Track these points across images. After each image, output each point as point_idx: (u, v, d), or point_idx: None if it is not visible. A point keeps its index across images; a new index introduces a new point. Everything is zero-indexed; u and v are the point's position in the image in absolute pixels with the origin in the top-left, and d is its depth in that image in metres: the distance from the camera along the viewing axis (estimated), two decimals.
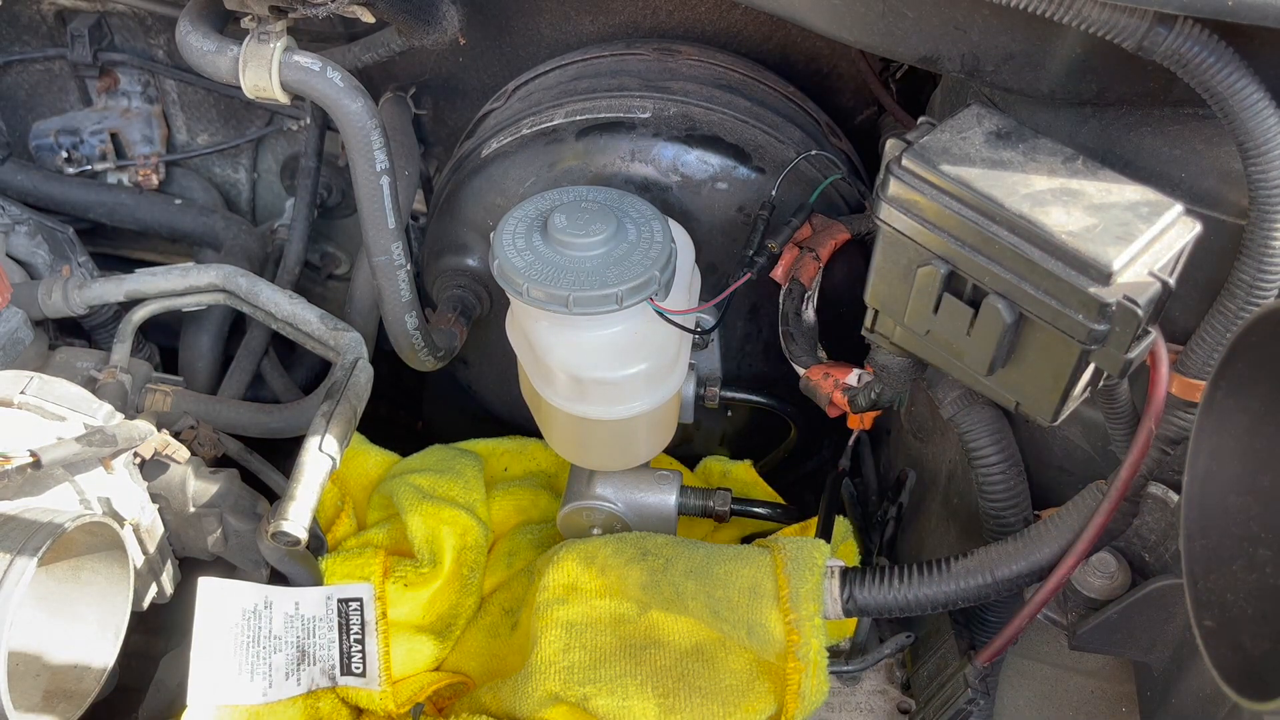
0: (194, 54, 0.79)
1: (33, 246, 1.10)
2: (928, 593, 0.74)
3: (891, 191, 0.62)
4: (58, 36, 1.22)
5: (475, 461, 1.00)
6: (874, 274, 0.67)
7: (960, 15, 0.63)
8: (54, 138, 1.23)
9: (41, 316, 0.98)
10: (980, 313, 0.61)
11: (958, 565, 0.74)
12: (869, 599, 0.76)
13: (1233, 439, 0.52)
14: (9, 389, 0.77)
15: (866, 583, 0.76)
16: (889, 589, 0.75)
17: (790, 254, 0.85)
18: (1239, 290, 0.58)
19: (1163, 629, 0.73)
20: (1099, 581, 0.76)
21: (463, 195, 0.95)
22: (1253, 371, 0.50)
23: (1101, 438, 0.73)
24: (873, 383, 0.77)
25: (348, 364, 0.90)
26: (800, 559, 0.77)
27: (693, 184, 0.89)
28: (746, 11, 1.01)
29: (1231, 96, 0.54)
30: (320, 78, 0.78)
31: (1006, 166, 0.60)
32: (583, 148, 0.90)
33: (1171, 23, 0.54)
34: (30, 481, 0.71)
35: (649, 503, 0.92)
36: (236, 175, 1.32)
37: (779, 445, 1.11)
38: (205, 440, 0.93)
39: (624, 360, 0.79)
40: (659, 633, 0.81)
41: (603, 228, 0.78)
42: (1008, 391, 0.66)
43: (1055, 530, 0.71)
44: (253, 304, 0.96)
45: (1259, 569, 0.50)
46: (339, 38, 1.08)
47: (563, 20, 1.05)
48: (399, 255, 0.86)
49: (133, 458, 0.81)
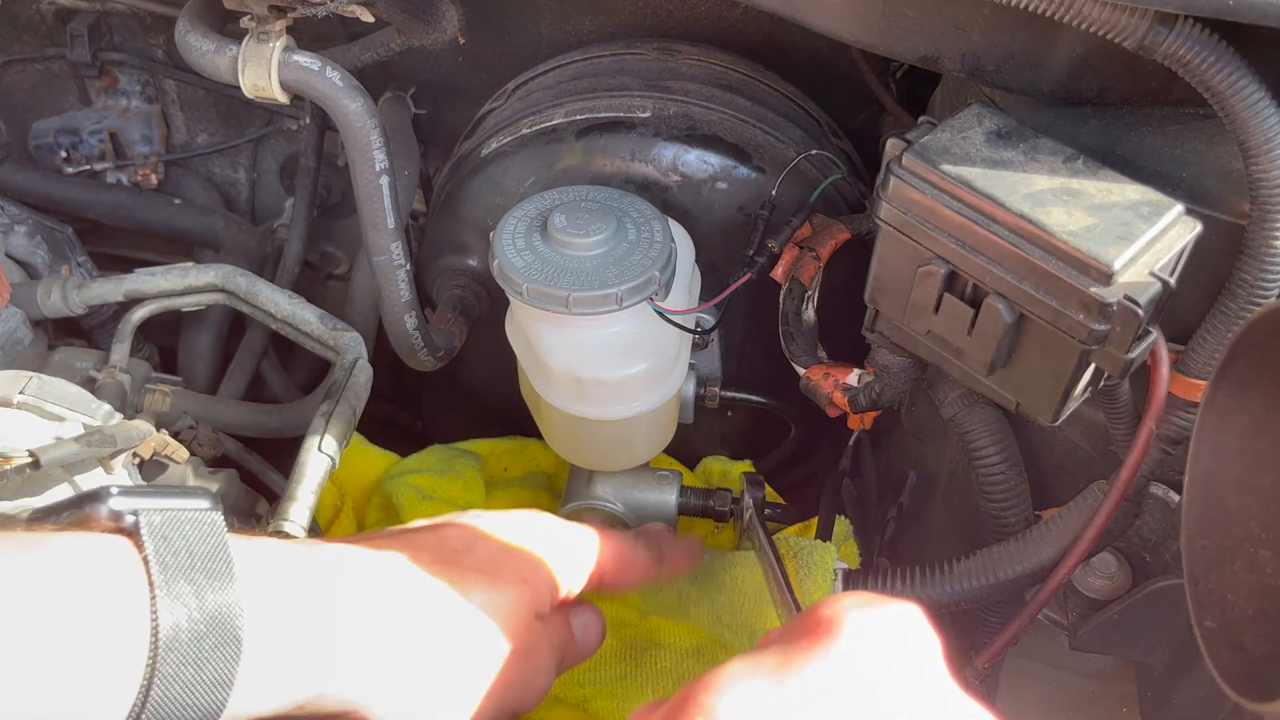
0: (193, 53, 0.79)
1: (32, 246, 1.09)
2: (931, 594, 0.74)
3: (891, 191, 0.62)
4: (57, 36, 1.22)
5: (475, 462, 1.00)
6: (874, 274, 0.67)
7: (961, 15, 0.63)
8: (53, 137, 1.22)
9: (40, 316, 0.98)
10: (980, 313, 0.61)
11: (960, 567, 0.74)
12: None
13: (1234, 439, 0.52)
14: (8, 389, 0.76)
15: (870, 586, 0.76)
16: (892, 592, 0.75)
17: (790, 254, 0.85)
18: (1240, 290, 0.58)
19: (1163, 629, 0.73)
20: (1099, 582, 0.76)
21: (462, 195, 0.95)
22: (1254, 371, 0.50)
23: (1102, 438, 0.72)
24: (873, 383, 0.77)
25: (347, 364, 0.90)
26: (808, 563, 0.77)
27: (693, 184, 0.89)
28: (746, 11, 1.01)
29: (1233, 96, 0.54)
30: (320, 77, 0.78)
31: (1007, 166, 0.60)
32: (582, 147, 0.90)
33: (1172, 22, 0.53)
34: (29, 481, 0.71)
35: (649, 503, 0.92)
36: (236, 175, 1.32)
37: (779, 445, 1.10)
38: (205, 440, 0.93)
39: (624, 360, 0.79)
40: (659, 635, 0.81)
41: (603, 227, 0.78)
42: (1008, 391, 0.66)
43: (1058, 531, 0.71)
44: (252, 304, 0.96)
45: (1260, 569, 0.50)
46: (339, 38, 1.08)
47: (563, 20, 1.04)
48: (399, 255, 0.86)
49: (132, 458, 0.80)
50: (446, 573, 0.55)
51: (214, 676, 0.43)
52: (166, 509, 0.45)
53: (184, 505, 0.46)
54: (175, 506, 0.46)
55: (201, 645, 0.43)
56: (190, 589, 0.43)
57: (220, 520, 0.47)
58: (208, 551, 0.45)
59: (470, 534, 0.59)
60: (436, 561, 0.55)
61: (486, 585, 0.56)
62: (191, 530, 0.45)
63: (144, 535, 0.44)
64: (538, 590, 0.58)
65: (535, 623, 0.58)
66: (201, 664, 0.43)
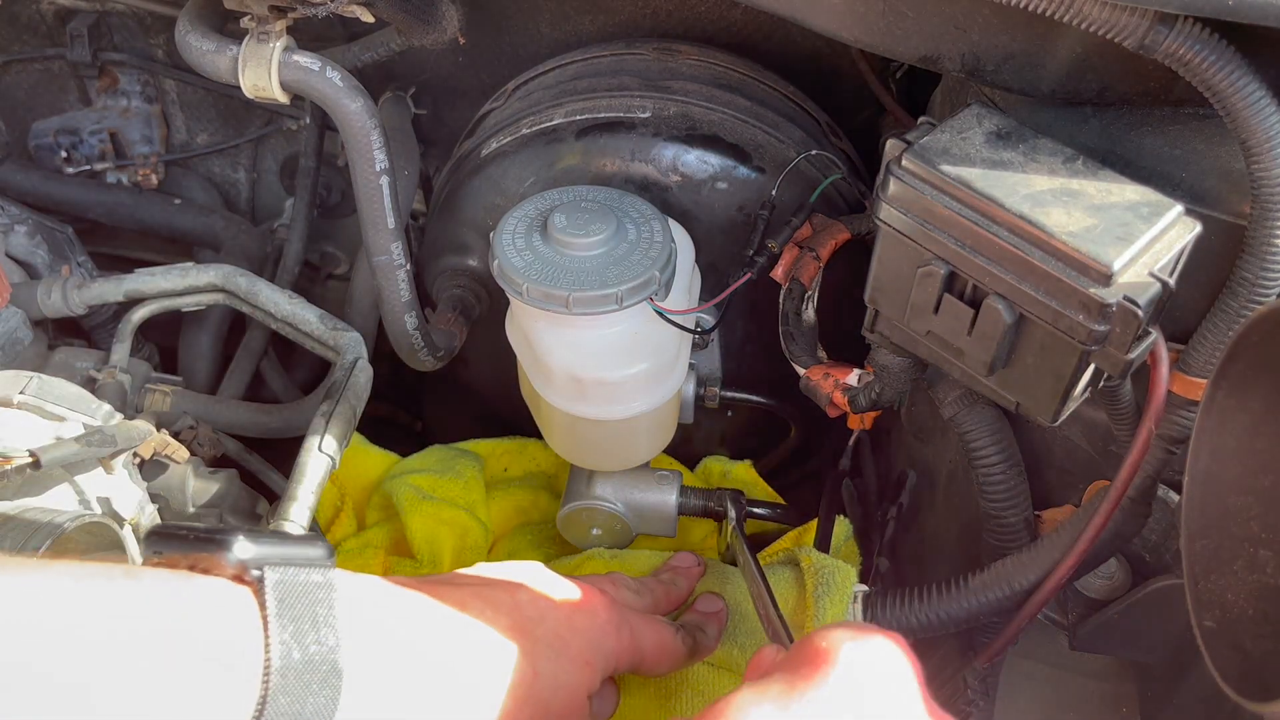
0: (193, 53, 0.79)
1: (32, 246, 1.09)
2: (950, 611, 0.73)
3: (891, 191, 0.62)
4: (57, 36, 1.22)
5: (475, 462, 1.00)
6: (874, 274, 0.67)
7: (960, 14, 0.63)
8: (53, 137, 1.22)
9: (41, 316, 0.98)
10: (980, 313, 0.61)
11: (975, 580, 0.73)
12: (890, 622, 0.76)
13: (1234, 439, 0.52)
14: (8, 389, 0.76)
15: (887, 605, 0.76)
16: (909, 610, 0.75)
17: (790, 254, 0.85)
18: (1241, 289, 0.58)
19: (1163, 629, 0.72)
20: (1099, 582, 0.76)
21: (462, 195, 0.95)
22: (1254, 371, 0.50)
23: (1102, 438, 0.72)
24: (873, 383, 0.77)
25: (347, 364, 0.90)
26: (828, 583, 0.77)
27: (693, 184, 0.89)
28: (746, 11, 1.01)
29: (1234, 94, 0.54)
30: (320, 77, 0.78)
31: (1007, 167, 0.60)
32: (582, 147, 0.90)
33: (1172, 22, 0.53)
34: (30, 481, 0.71)
35: (649, 503, 0.92)
36: (236, 175, 1.32)
37: (779, 445, 1.10)
38: (205, 440, 0.93)
39: (624, 360, 0.79)
40: None
41: (602, 227, 0.78)
42: (1008, 391, 0.66)
43: (1068, 538, 0.70)
44: (252, 304, 0.96)
45: (1260, 569, 0.50)
46: (339, 38, 1.08)
47: (562, 20, 1.04)
48: (399, 255, 0.86)
49: (132, 458, 0.80)
50: (519, 640, 0.60)
51: (315, 715, 0.48)
52: (286, 561, 0.51)
53: (301, 556, 0.52)
54: (294, 559, 0.51)
55: (306, 686, 0.48)
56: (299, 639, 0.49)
57: (333, 577, 0.52)
58: (319, 604, 0.50)
59: (544, 604, 0.64)
60: (512, 628, 0.60)
61: (554, 661, 0.60)
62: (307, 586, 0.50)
63: (267, 592, 0.49)
64: (595, 673, 0.63)
65: (585, 702, 0.63)
66: (304, 703, 0.48)
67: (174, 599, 0.47)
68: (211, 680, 0.46)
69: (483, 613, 0.59)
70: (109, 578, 0.47)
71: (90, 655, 0.44)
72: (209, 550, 0.50)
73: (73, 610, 0.45)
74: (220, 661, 0.47)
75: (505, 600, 0.61)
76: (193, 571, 0.49)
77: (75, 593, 0.45)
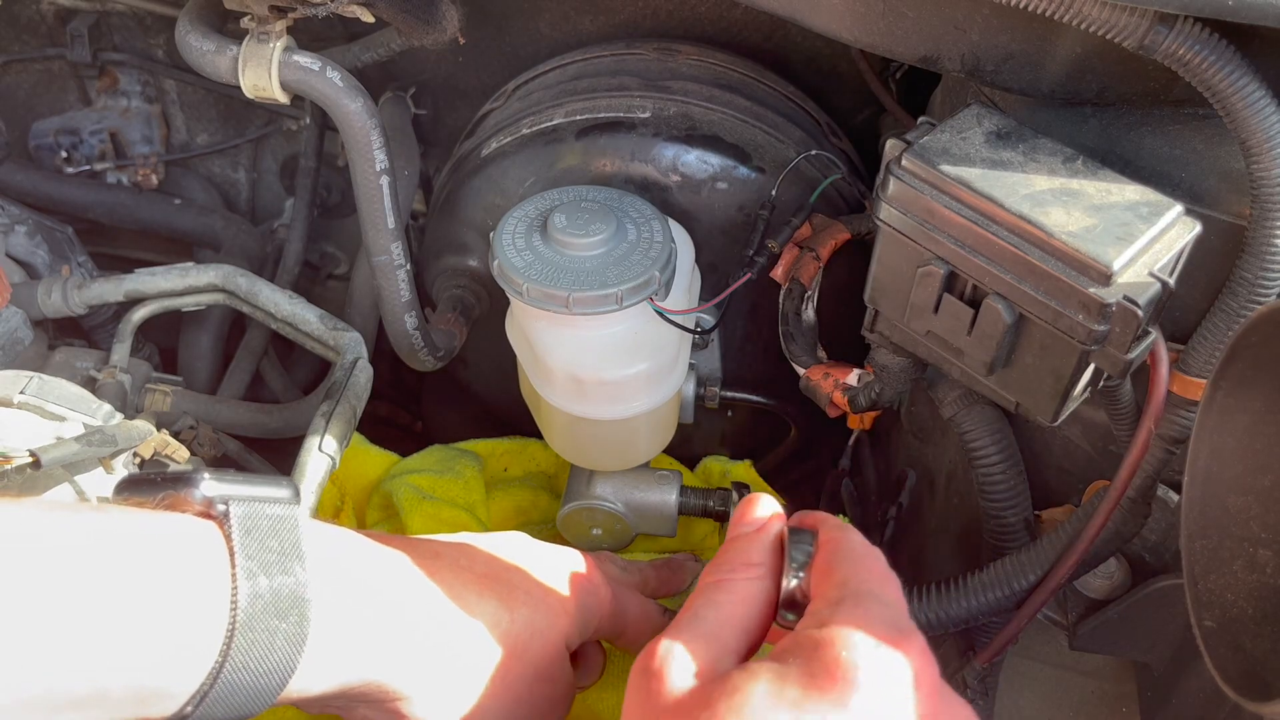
0: (193, 53, 0.79)
1: (32, 246, 1.09)
2: (949, 610, 0.73)
3: (891, 191, 0.62)
4: (57, 36, 1.22)
5: (475, 462, 1.00)
6: (874, 274, 0.67)
7: (960, 15, 0.63)
8: (53, 137, 1.22)
9: (41, 316, 0.98)
10: (980, 313, 0.61)
11: (975, 580, 0.73)
12: None
13: (1233, 439, 0.52)
14: (8, 389, 0.77)
15: None
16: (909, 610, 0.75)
17: (790, 254, 0.85)
18: (1241, 288, 0.58)
19: (1163, 629, 0.72)
20: (1099, 582, 0.76)
21: (462, 195, 0.95)
22: (1254, 371, 0.50)
23: (1102, 437, 0.72)
24: (873, 383, 0.77)
25: (347, 364, 0.90)
26: None
27: (693, 184, 0.89)
28: (746, 11, 1.01)
29: (1234, 94, 0.54)
30: (320, 77, 0.78)
31: (1006, 167, 0.60)
32: (582, 147, 0.90)
33: (1172, 22, 0.54)
34: (30, 481, 0.71)
35: (649, 503, 0.92)
36: (236, 175, 1.32)
37: (779, 445, 1.10)
38: (205, 440, 0.93)
39: (624, 360, 0.79)
40: None
41: (603, 227, 0.78)
42: (1008, 391, 0.66)
43: (1068, 537, 0.70)
44: (252, 304, 0.96)
45: (1259, 569, 0.50)
46: (339, 38, 1.08)
47: (562, 20, 1.05)
48: (399, 255, 0.86)
49: (132, 457, 0.80)
50: (494, 586, 0.60)
51: (285, 644, 0.49)
52: (252, 498, 0.51)
53: (267, 495, 0.52)
54: (259, 496, 0.51)
55: (275, 616, 0.48)
56: (266, 570, 0.49)
57: (297, 512, 0.52)
58: (284, 538, 0.51)
59: (523, 557, 0.64)
60: (488, 576, 0.60)
61: (531, 607, 0.60)
62: (272, 520, 0.51)
63: (232, 524, 0.49)
64: (574, 624, 0.63)
65: (564, 650, 0.63)
66: (274, 632, 0.48)
67: (140, 531, 0.48)
68: (178, 609, 0.47)
69: (457, 561, 0.60)
70: (76, 511, 0.48)
71: (55, 580, 0.44)
72: (176, 489, 0.50)
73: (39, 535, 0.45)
74: (187, 591, 0.47)
75: (482, 553, 0.63)
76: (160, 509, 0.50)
77: (43, 521, 0.46)
